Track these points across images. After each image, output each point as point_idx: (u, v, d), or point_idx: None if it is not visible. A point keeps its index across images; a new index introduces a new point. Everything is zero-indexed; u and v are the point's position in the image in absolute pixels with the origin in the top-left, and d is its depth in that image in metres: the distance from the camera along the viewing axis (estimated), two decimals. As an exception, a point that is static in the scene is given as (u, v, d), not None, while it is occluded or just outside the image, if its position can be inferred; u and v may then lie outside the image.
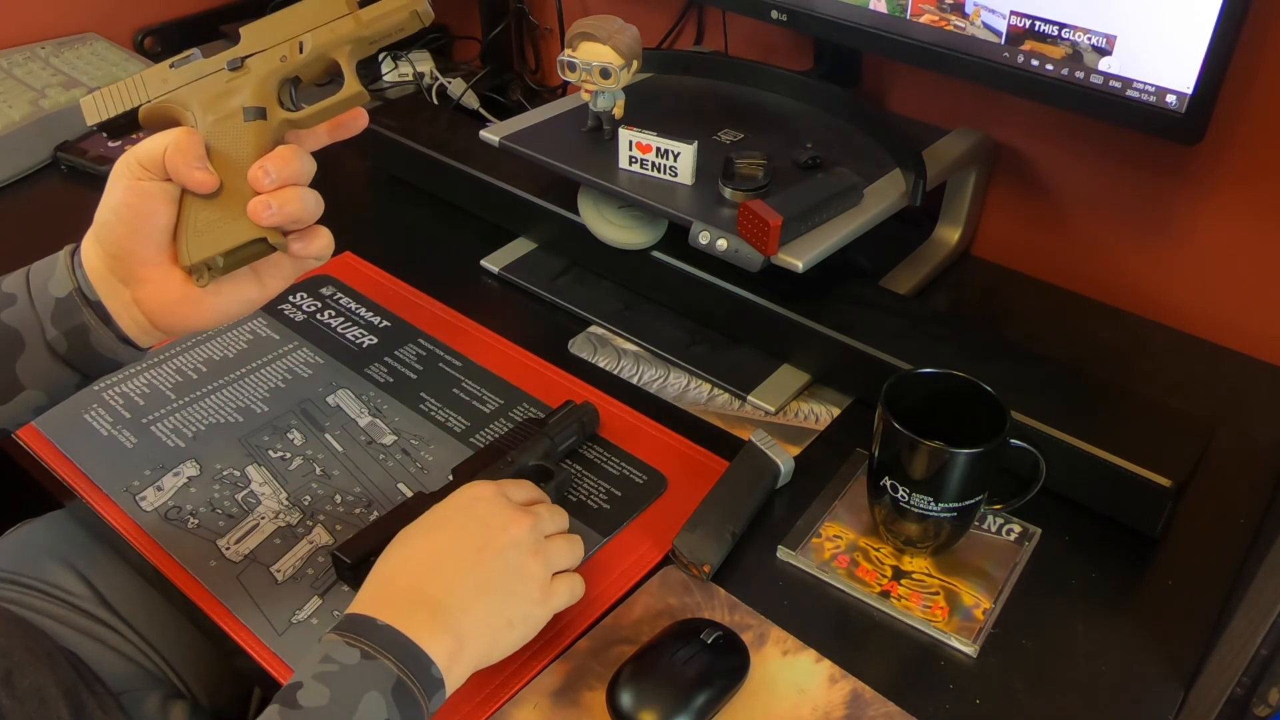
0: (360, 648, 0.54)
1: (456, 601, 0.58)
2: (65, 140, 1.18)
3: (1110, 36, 0.77)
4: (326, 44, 0.61)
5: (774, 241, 0.77)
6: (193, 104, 0.59)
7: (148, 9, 1.43)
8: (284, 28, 0.61)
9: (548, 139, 0.94)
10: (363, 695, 0.52)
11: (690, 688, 0.61)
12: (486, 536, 0.61)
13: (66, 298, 0.60)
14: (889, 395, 0.68)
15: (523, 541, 0.62)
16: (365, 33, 0.61)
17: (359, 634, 0.55)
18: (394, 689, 0.53)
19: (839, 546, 0.73)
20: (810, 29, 0.94)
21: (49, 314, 0.60)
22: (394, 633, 0.55)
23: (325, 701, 0.52)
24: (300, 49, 0.60)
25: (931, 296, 0.99)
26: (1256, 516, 0.76)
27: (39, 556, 0.81)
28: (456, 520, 0.63)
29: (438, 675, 0.56)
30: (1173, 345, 0.94)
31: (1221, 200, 0.89)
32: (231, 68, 0.60)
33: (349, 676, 0.53)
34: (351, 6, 0.61)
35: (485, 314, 0.94)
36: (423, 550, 0.61)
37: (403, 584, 0.59)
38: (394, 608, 0.57)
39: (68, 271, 0.61)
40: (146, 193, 0.58)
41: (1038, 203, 1.01)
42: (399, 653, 0.55)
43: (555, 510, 0.67)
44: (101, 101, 0.60)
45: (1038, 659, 0.66)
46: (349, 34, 0.61)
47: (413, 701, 0.54)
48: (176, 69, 0.60)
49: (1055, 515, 0.75)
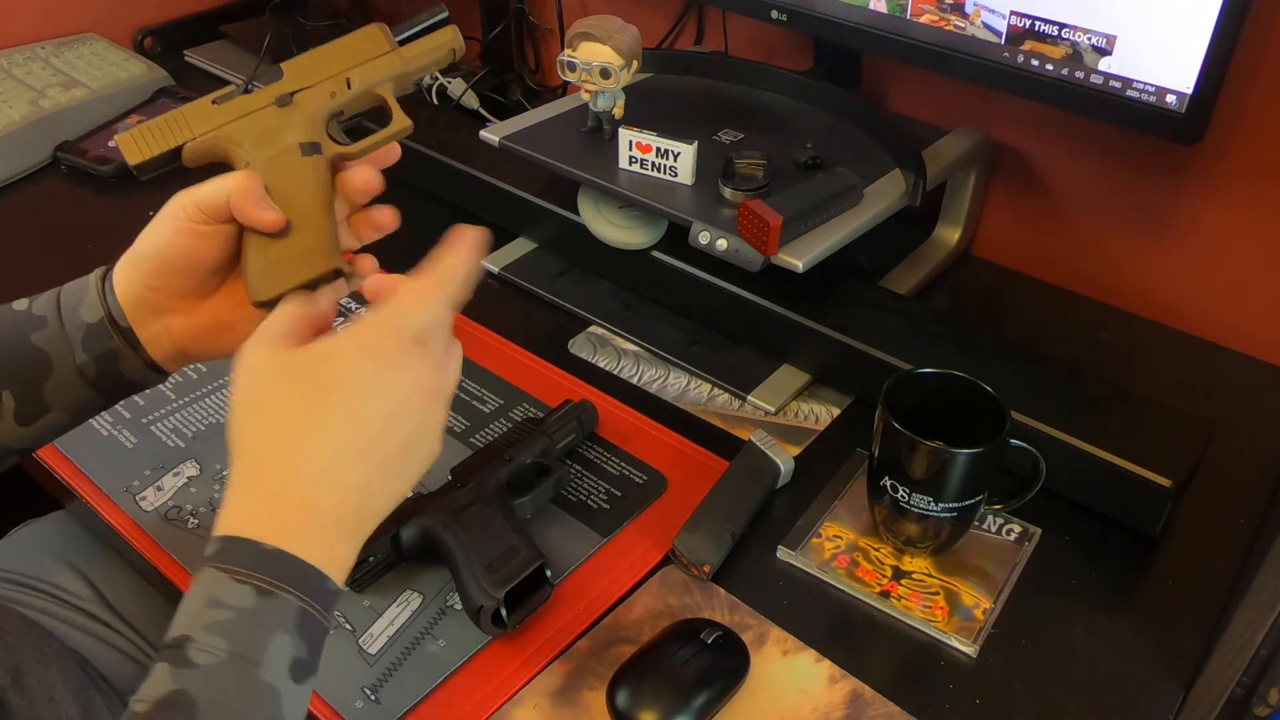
0: (253, 584, 0.45)
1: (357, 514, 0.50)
2: (65, 140, 1.18)
3: (1110, 36, 0.77)
4: (373, 81, 0.61)
5: (774, 241, 0.77)
6: (245, 141, 0.58)
7: (148, 9, 1.43)
8: (327, 64, 0.61)
9: (548, 139, 0.94)
10: (269, 640, 0.45)
11: (690, 688, 0.61)
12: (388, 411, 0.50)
13: (98, 323, 0.60)
14: (889, 395, 0.68)
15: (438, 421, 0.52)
16: (408, 69, 0.62)
17: (248, 566, 0.46)
18: (299, 622, 0.46)
19: (839, 546, 0.73)
20: (810, 29, 0.94)
21: (79, 338, 0.60)
22: (287, 558, 0.46)
23: (225, 655, 0.44)
24: (348, 85, 0.61)
25: (931, 296, 0.99)
26: (1256, 516, 0.76)
27: (41, 557, 0.81)
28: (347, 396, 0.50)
29: (335, 589, 0.48)
30: (1173, 345, 0.94)
31: (1221, 200, 0.89)
32: (280, 104, 0.59)
33: (247, 622, 0.45)
34: (392, 44, 0.61)
35: (485, 314, 0.94)
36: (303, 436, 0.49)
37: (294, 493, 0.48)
38: (284, 526, 0.47)
39: (99, 297, 0.60)
40: (203, 235, 0.57)
41: (1038, 203, 1.01)
42: (298, 581, 0.46)
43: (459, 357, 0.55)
44: (142, 139, 0.58)
45: (1038, 659, 0.66)
46: (394, 71, 0.61)
47: (318, 626, 0.47)
48: (220, 105, 0.59)
49: (1055, 515, 0.75)
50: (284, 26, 1.37)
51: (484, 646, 0.66)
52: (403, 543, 0.69)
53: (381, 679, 0.64)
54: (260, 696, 0.45)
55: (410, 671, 0.64)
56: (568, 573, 0.71)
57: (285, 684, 0.45)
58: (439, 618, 0.68)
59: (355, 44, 0.61)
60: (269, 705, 0.45)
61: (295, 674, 0.46)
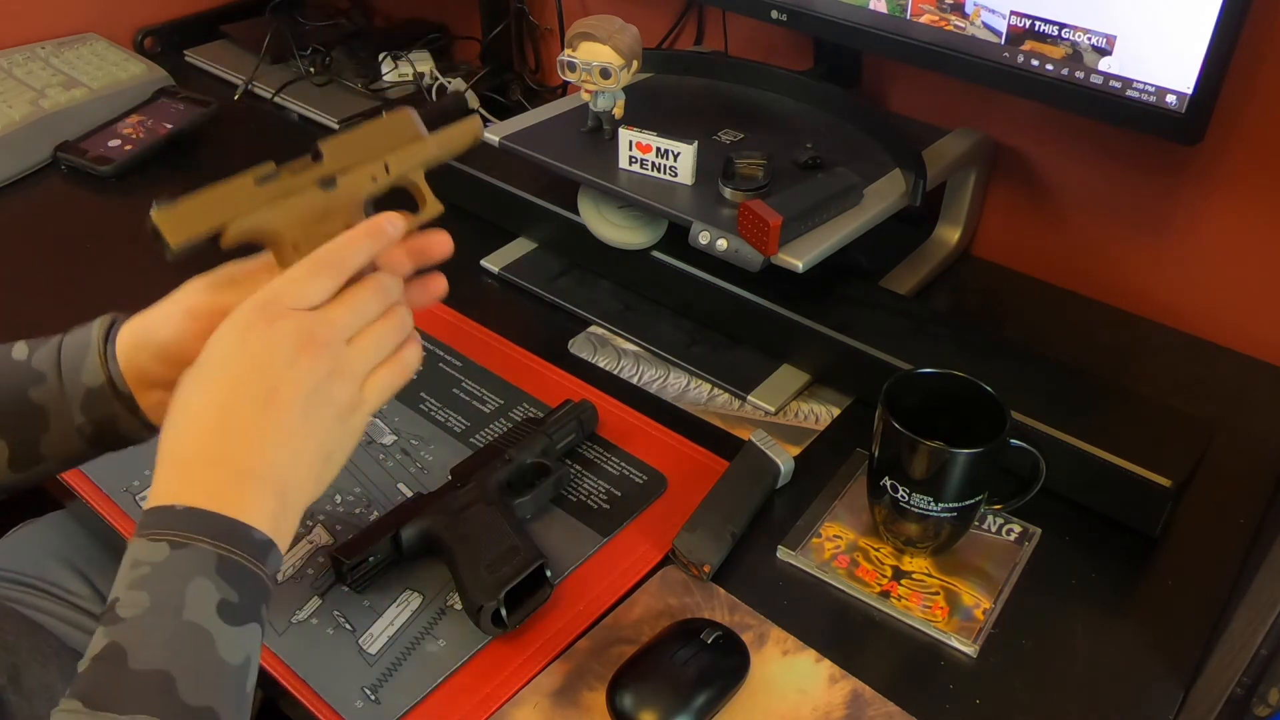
0: (166, 539, 0.49)
1: (261, 462, 0.52)
2: (65, 140, 1.18)
3: (1110, 36, 0.77)
4: (409, 166, 0.61)
5: (774, 241, 0.77)
6: (290, 225, 0.57)
7: (148, 9, 1.43)
8: (365, 148, 0.60)
9: (548, 139, 0.94)
10: (186, 585, 0.48)
11: (690, 688, 0.61)
12: (272, 379, 0.52)
13: (99, 388, 0.59)
14: (889, 395, 0.68)
15: (316, 369, 0.53)
16: (439, 155, 0.62)
17: (161, 527, 0.49)
18: (218, 568, 0.48)
19: (839, 546, 0.73)
20: (810, 29, 0.94)
21: (78, 401, 0.59)
22: (198, 513, 0.50)
23: (147, 605, 0.47)
24: (386, 170, 0.60)
25: (931, 296, 0.99)
26: (1256, 516, 0.76)
27: (41, 556, 0.81)
28: (232, 366, 0.53)
29: (262, 538, 0.50)
30: (1173, 345, 0.94)
31: (1221, 200, 0.89)
32: (324, 186, 0.58)
33: (163, 572, 0.48)
34: (422, 130, 0.61)
35: (485, 314, 0.94)
36: (204, 411, 0.53)
37: (194, 458, 0.52)
38: (192, 487, 0.51)
39: (100, 362, 0.59)
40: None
41: (1038, 203, 1.01)
42: (211, 530, 0.49)
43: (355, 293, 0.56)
44: (184, 219, 0.55)
45: (1038, 659, 0.66)
46: (428, 157, 0.61)
47: (245, 572, 0.49)
48: (264, 185, 0.57)
49: (1055, 515, 0.75)
50: (284, 26, 1.37)
51: (484, 646, 0.66)
52: (403, 543, 0.69)
53: (381, 679, 0.64)
54: (186, 636, 0.47)
55: (410, 671, 0.64)
56: (568, 573, 0.71)
57: (215, 624, 0.48)
58: (439, 618, 0.68)
59: (389, 128, 0.61)
60: (198, 644, 0.47)
61: (226, 616, 0.48)
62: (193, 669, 0.47)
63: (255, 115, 1.30)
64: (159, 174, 1.16)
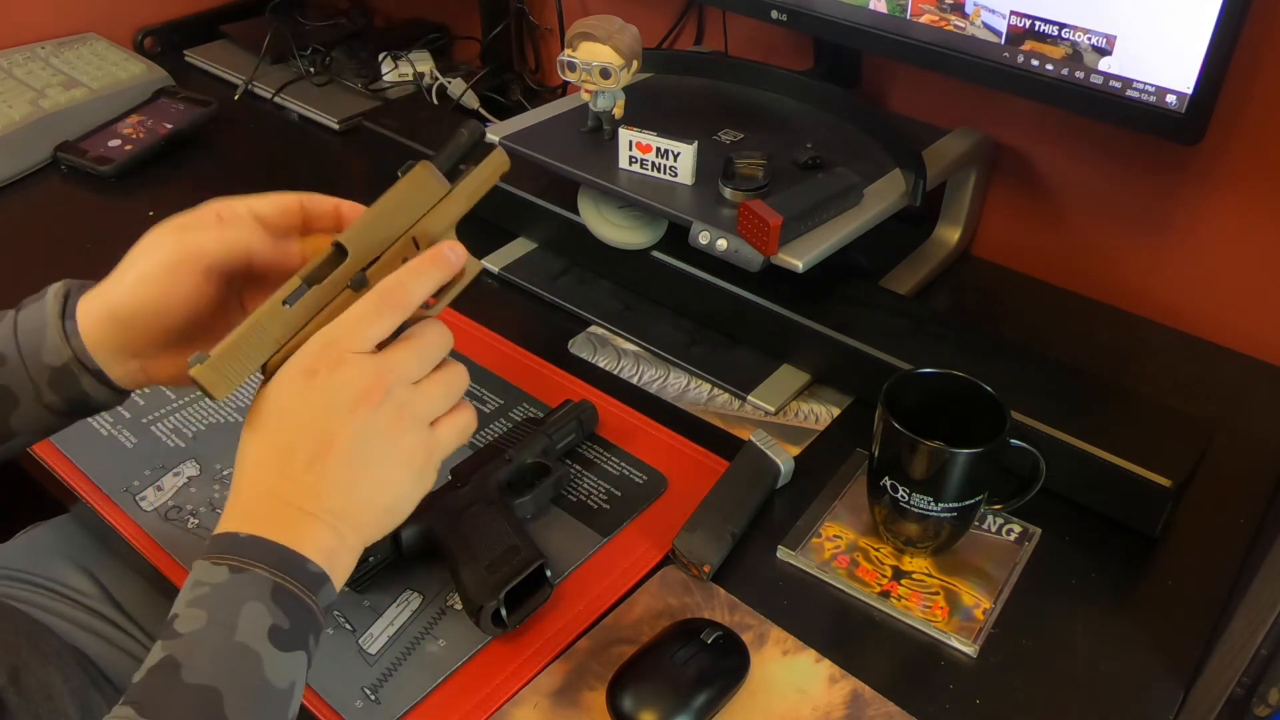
0: (227, 564, 0.50)
1: (321, 505, 0.53)
2: (65, 140, 1.18)
3: (1110, 36, 0.77)
4: (440, 232, 0.57)
5: (774, 241, 0.77)
6: None
7: (148, 9, 1.43)
8: (388, 226, 0.56)
9: (548, 139, 0.94)
10: (241, 607, 0.49)
11: (690, 688, 0.61)
12: (330, 426, 0.53)
13: (63, 367, 0.58)
14: (889, 395, 0.68)
15: (374, 418, 0.53)
16: (468, 208, 0.58)
17: (224, 552, 0.51)
18: (273, 593, 0.50)
19: (839, 546, 0.73)
20: (810, 29, 0.94)
21: (44, 380, 0.58)
22: (260, 541, 0.51)
23: (203, 623, 0.49)
24: (415, 245, 0.57)
25: (931, 296, 0.99)
26: (1256, 516, 0.76)
27: (50, 557, 0.82)
28: (291, 416, 0.54)
29: (317, 570, 0.52)
30: (1173, 345, 0.94)
31: (1221, 200, 0.89)
32: (355, 287, 0.55)
33: (221, 593, 0.50)
34: (443, 183, 0.57)
35: (485, 314, 0.94)
36: (268, 451, 0.54)
37: (259, 493, 0.53)
38: (254, 519, 0.52)
39: (62, 341, 0.58)
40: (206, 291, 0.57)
41: (1038, 203, 1.01)
42: (269, 559, 0.51)
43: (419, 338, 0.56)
44: (225, 369, 0.53)
45: (1038, 659, 0.66)
46: (456, 216, 0.58)
47: (296, 601, 0.51)
48: (294, 305, 0.54)
49: (1055, 515, 0.75)
50: (284, 26, 1.37)
51: (484, 646, 0.66)
52: (403, 543, 0.69)
53: (381, 679, 0.64)
54: (237, 655, 0.48)
55: (410, 671, 0.64)
56: (568, 573, 0.71)
57: (264, 648, 0.49)
58: (439, 618, 0.68)
59: (409, 194, 0.56)
60: (248, 665, 0.49)
61: (276, 641, 0.49)
62: (240, 688, 0.48)
63: (255, 115, 1.30)
64: (159, 174, 1.16)
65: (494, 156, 0.59)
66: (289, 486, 0.53)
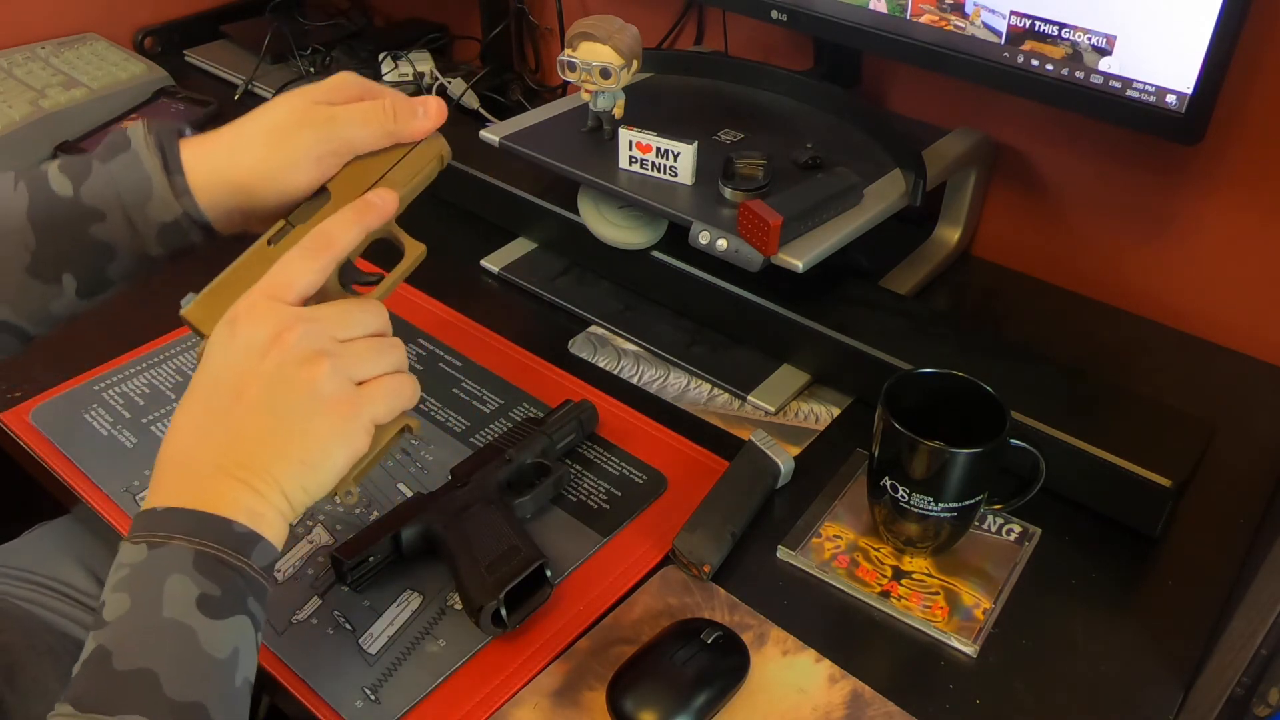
0: (145, 541, 0.50)
1: (233, 459, 0.51)
2: (65, 140, 1.18)
3: (1110, 36, 0.77)
4: None
5: (774, 241, 0.77)
6: None
7: (148, 9, 1.43)
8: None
9: (548, 139, 0.94)
10: (163, 583, 0.48)
11: (690, 688, 0.61)
12: (245, 369, 0.52)
13: (173, 222, 0.58)
14: (889, 395, 0.68)
15: (286, 360, 0.52)
16: (408, 193, 0.61)
17: (142, 530, 0.50)
18: (195, 563, 0.49)
19: (839, 546, 0.73)
20: (810, 29, 0.94)
21: (153, 234, 0.59)
22: (176, 512, 0.50)
23: (128, 606, 0.48)
24: None
25: (931, 296, 0.99)
26: (1256, 516, 0.76)
27: (54, 557, 0.82)
28: (213, 368, 0.53)
29: (244, 530, 0.50)
30: (1173, 345, 0.94)
31: (1221, 200, 0.89)
32: None
33: (142, 572, 0.49)
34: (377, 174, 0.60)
35: (485, 314, 0.94)
36: (187, 416, 0.53)
37: (176, 461, 0.53)
38: (172, 491, 0.51)
39: (171, 197, 0.58)
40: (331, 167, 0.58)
41: (1038, 203, 1.01)
42: (186, 528, 0.50)
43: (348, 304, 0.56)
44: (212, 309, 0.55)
45: (1038, 659, 0.66)
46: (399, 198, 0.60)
47: (223, 566, 0.49)
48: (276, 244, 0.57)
49: (1055, 515, 0.75)
50: (284, 26, 1.37)
51: (484, 646, 0.66)
52: (403, 543, 0.69)
53: (381, 679, 0.64)
54: (167, 632, 0.48)
55: (410, 671, 0.64)
56: (568, 573, 0.71)
57: (196, 619, 0.48)
58: (439, 618, 0.68)
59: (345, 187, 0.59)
60: (181, 640, 0.48)
61: (207, 610, 0.49)
62: (177, 665, 0.47)
63: (255, 115, 1.30)
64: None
65: (431, 144, 0.61)
66: (204, 446, 0.52)
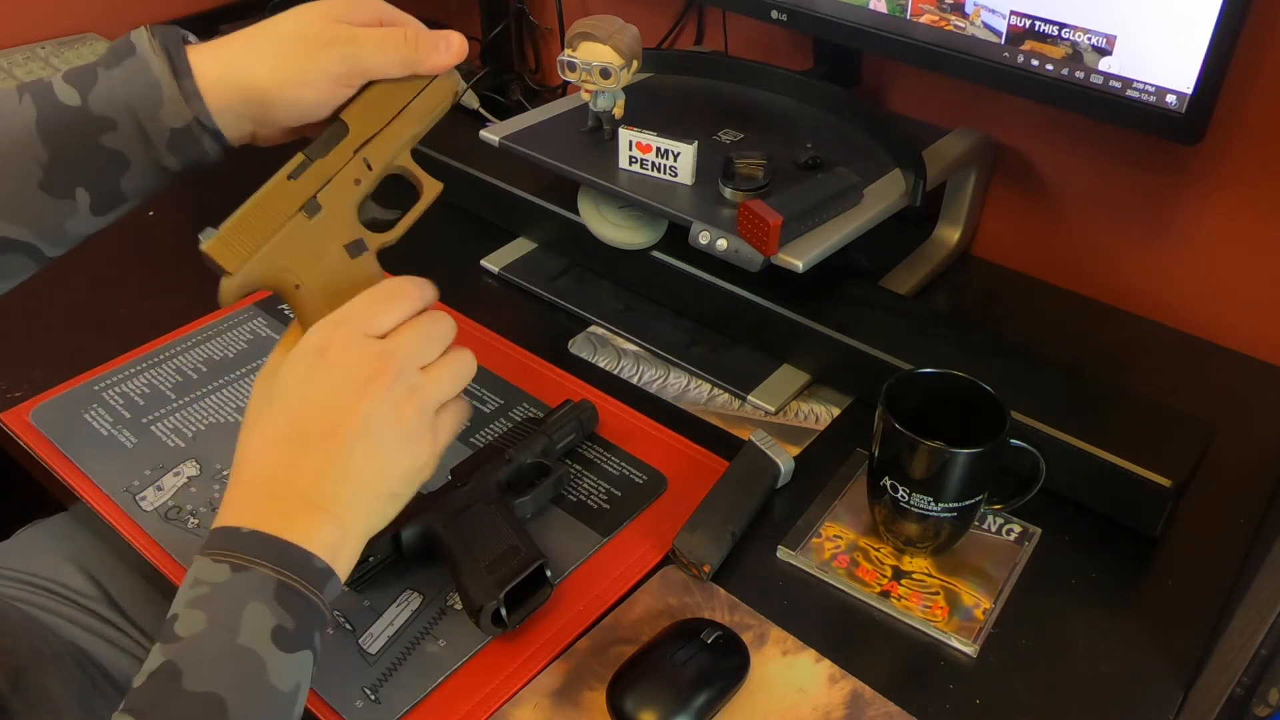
0: (228, 562, 0.49)
1: (325, 493, 0.52)
2: (65, 140, 1.18)
3: (1110, 36, 0.77)
4: (393, 154, 0.59)
5: (774, 241, 0.77)
6: (289, 263, 0.56)
7: (148, 9, 1.43)
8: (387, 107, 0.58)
9: (548, 139, 0.94)
10: (243, 608, 0.48)
11: (690, 688, 0.61)
12: (340, 406, 0.52)
13: (184, 128, 0.57)
14: (889, 395, 0.68)
15: (386, 400, 0.53)
16: (420, 129, 0.59)
17: (224, 548, 0.50)
18: (276, 593, 0.49)
19: (839, 546, 0.73)
20: (810, 29, 0.94)
21: (164, 142, 0.57)
22: (262, 537, 0.50)
23: (204, 626, 0.48)
24: (368, 167, 0.58)
25: (931, 296, 0.99)
26: (1256, 516, 0.76)
27: (48, 557, 0.82)
28: (300, 395, 0.53)
29: (322, 566, 0.51)
30: (1173, 345, 0.94)
31: (1221, 200, 0.89)
32: (309, 213, 0.56)
33: (222, 593, 0.48)
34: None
35: (485, 314, 0.94)
36: (273, 436, 0.53)
37: (261, 483, 0.52)
38: (257, 512, 0.51)
39: (182, 102, 0.56)
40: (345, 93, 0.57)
41: (1038, 203, 1.01)
42: (272, 556, 0.50)
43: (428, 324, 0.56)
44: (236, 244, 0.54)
45: (1038, 659, 0.66)
46: (408, 136, 0.59)
47: (300, 599, 0.50)
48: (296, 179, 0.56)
49: (1055, 515, 0.75)
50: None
51: (484, 646, 0.66)
52: (403, 543, 0.69)
53: (381, 679, 0.64)
54: (240, 659, 0.47)
55: (410, 671, 0.64)
56: (568, 573, 0.71)
57: (267, 650, 0.48)
58: (439, 618, 0.68)
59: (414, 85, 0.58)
60: (250, 668, 0.48)
61: (279, 642, 0.48)
62: (244, 694, 0.47)
63: (255, 115, 1.30)
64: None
65: (445, 79, 0.60)
66: (292, 475, 0.52)
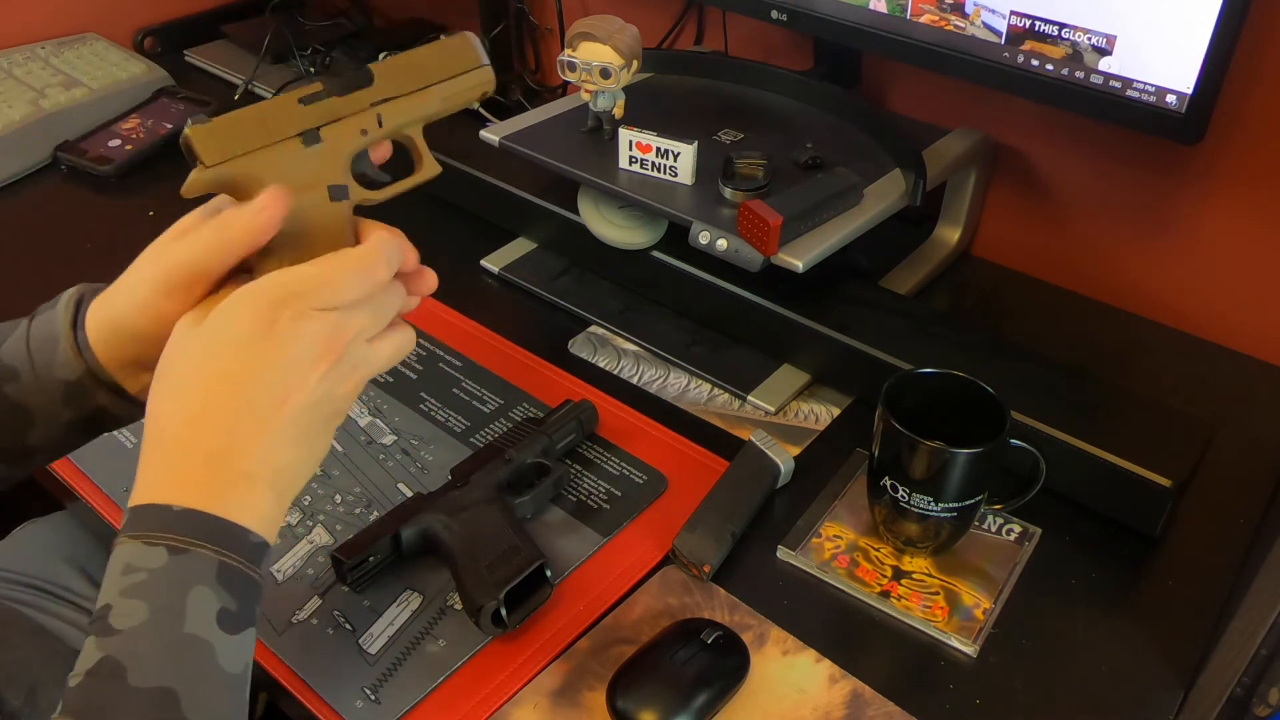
0: (164, 544, 0.46)
1: (264, 466, 0.49)
2: (65, 140, 1.18)
3: (1110, 36, 0.77)
4: (405, 120, 0.57)
5: (774, 241, 0.77)
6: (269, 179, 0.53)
7: (148, 9, 1.43)
8: (415, 73, 0.57)
9: (548, 139, 0.94)
10: (186, 594, 0.45)
11: (690, 688, 0.61)
12: (290, 382, 0.49)
13: (77, 381, 0.55)
14: (889, 395, 0.68)
15: (333, 376, 0.50)
16: (442, 109, 0.58)
17: (156, 529, 0.46)
18: (218, 575, 0.46)
19: (839, 546, 0.73)
20: (810, 29, 0.94)
21: (59, 396, 0.55)
22: (198, 515, 0.46)
23: (145, 616, 0.45)
24: (379, 122, 0.56)
25: (931, 296, 0.99)
26: (1256, 516, 0.76)
27: (46, 557, 0.81)
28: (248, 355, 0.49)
29: (258, 541, 0.48)
30: (1173, 345, 0.94)
31: (1221, 200, 0.89)
32: (307, 142, 0.54)
33: (161, 580, 0.45)
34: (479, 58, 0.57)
35: (485, 314, 0.94)
36: (210, 401, 0.48)
37: (193, 452, 0.48)
38: (187, 486, 0.47)
39: (74, 354, 0.54)
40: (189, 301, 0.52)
41: (1038, 203, 1.01)
42: (211, 536, 0.46)
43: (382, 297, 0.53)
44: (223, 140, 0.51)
45: (1038, 659, 0.66)
46: (428, 111, 0.58)
47: (242, 578, 0.47)
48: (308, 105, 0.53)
49: (1055, 515, 0.75)
50: (284, 26, 1.37)
51: (484, 646, 0.66)
52: (403, 543, 0.69)
53: (381, 679, 0.64)
54: (188, 648, 0.45)
55: (410, 671, 0.64)
56: (568, 573, 0.71)
57: (215, 635, 0.46)
58: (439, 618, 0.68)
59: (443, 54, 0.57)
60: (199, 656, 0.45)
61: (225, 625, 0.46)
62: (196, 683, 0.45)
63: (255, 115, 1.30)
64: (159, 174, 1.16)
65: (483, 73, 0.59)
66: (229, 442, 0.48)
